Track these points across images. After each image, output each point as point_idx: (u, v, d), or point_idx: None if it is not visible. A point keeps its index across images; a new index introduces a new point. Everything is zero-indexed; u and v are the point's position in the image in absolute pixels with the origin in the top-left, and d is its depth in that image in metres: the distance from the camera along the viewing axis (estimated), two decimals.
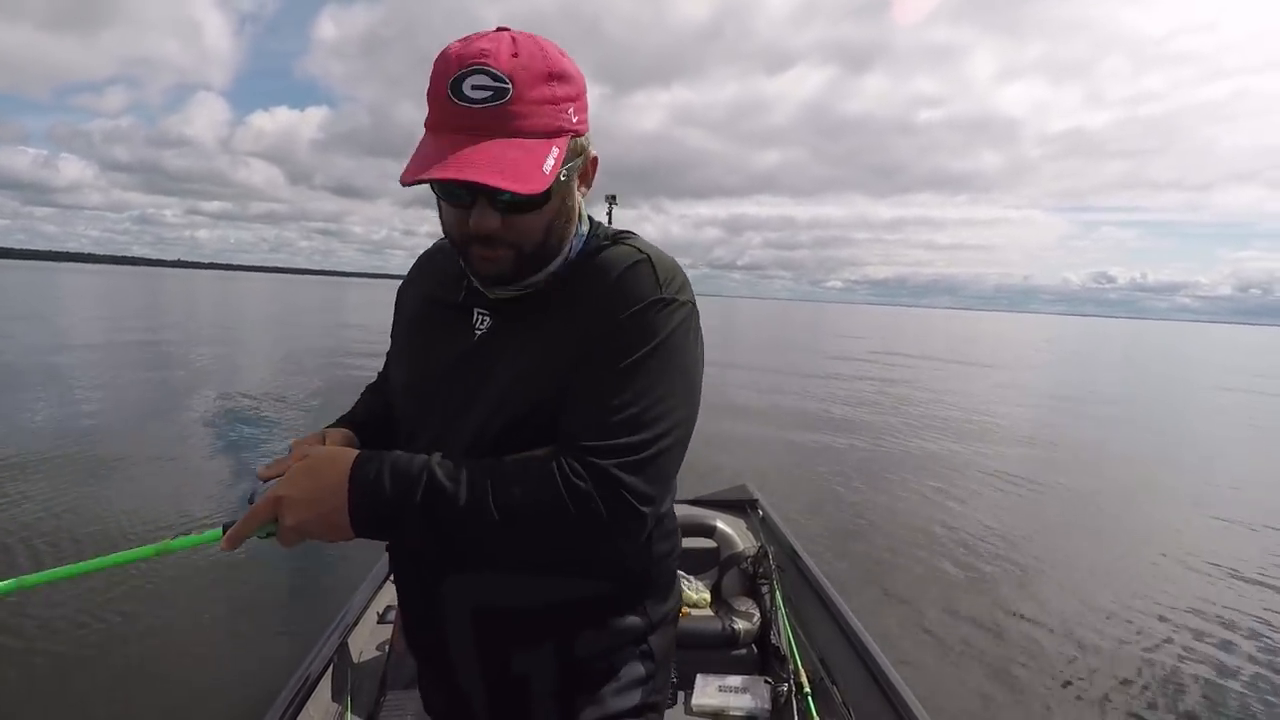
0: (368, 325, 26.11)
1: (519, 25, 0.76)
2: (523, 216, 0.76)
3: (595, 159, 0.83)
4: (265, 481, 0.76)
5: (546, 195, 0.75)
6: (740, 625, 2.34)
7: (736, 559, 2.55)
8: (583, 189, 0.85)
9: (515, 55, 0.71)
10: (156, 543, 0.78)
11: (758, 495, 3.16)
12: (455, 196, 0.76)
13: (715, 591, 2.53)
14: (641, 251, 0.84)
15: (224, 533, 0.75)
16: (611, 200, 3.99)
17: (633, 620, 0.90)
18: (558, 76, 0.74)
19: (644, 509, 0.73)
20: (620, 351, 0.77)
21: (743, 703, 2.18)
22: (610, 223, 4.25)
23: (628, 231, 0.90)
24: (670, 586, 0.97)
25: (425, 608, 0.91)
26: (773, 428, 9.71)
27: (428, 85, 0.75)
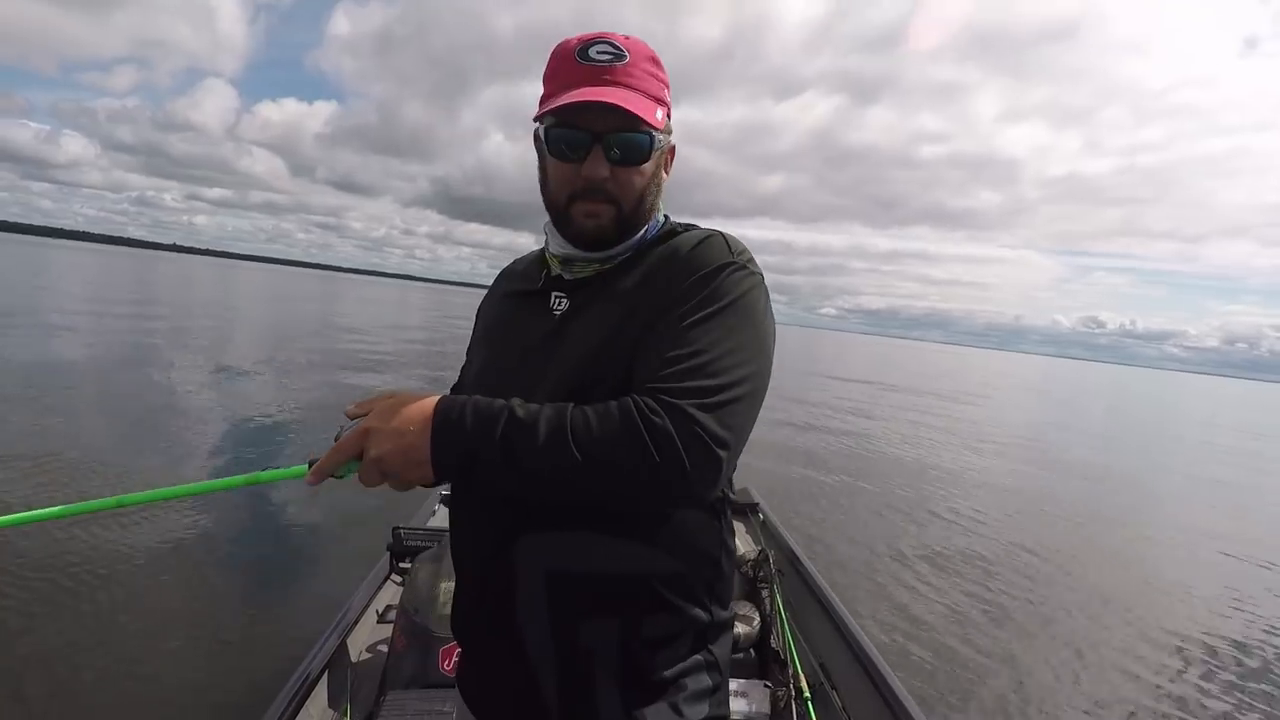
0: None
1: (533, 33, 0.81)
2: (627, 170, 0.85)
3: (674, 149, 0.93)
4: (352, 420, 0.77)
5: (649, 152, 0.85)
6: (740, 629, 2.34)
7: (737, 563, 2.56)
8: (666, 174, 0.93)
9: (628, 39, 0.86)
10: (247, 474, 0.79)
11: (758, 500, 3.17)
12: (574, 146, 0.84)
13: None
14: (714, 230, 0.90)
15: (309, 467, 0.75)
16: None
17: (697, 613, 0.88)
18: (657, 62, 0.87)
19: (719, 451, 0.71)
20: (693, 308, 0.79)
21: (742, 707, 2.18)
22: None
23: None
24: (727, 593, 0.94)
25: (494, 573, 0.88)
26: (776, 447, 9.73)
27: (545, 70, 0.88)
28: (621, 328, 0.82)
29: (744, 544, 2.64)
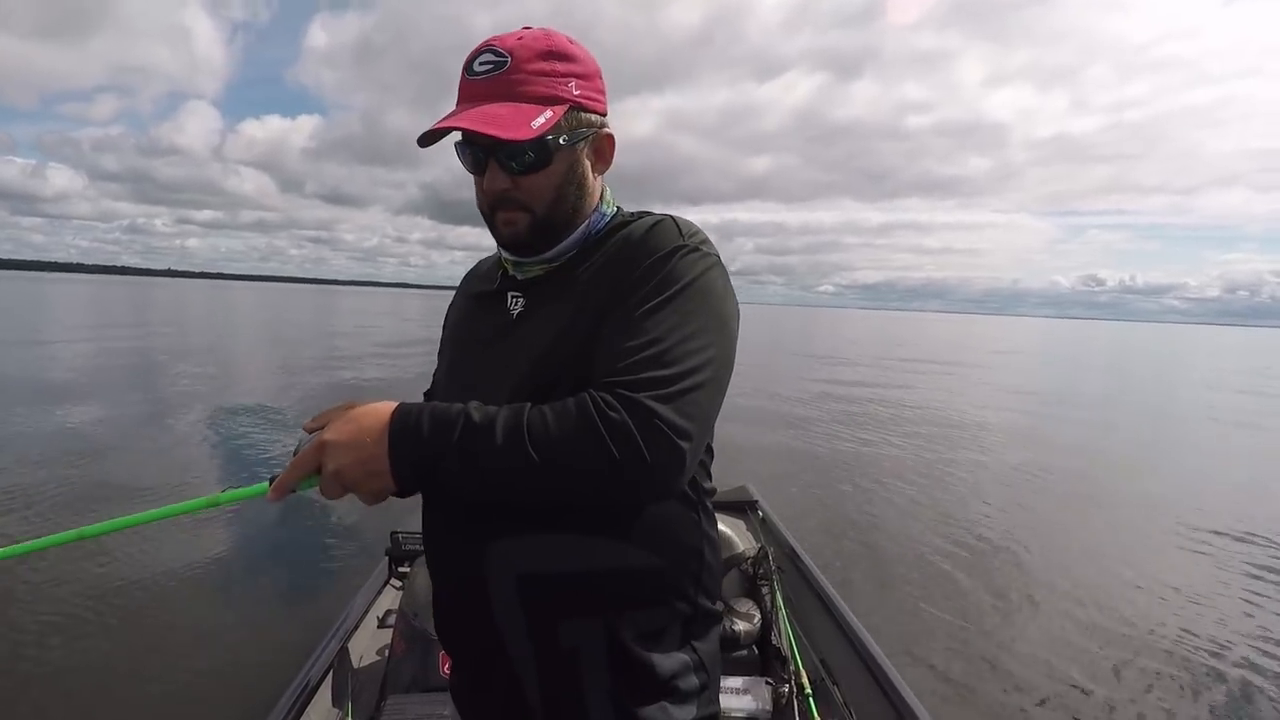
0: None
1: (509, 30, 0.84)
2: (530, 178, 0.84)
3: (611, 138, 0.89)
4: (310, 433, 0.76)
5: (547, 157, 0.83)
6: (741, 626, 2.33)
7: (737, 560, 2.55)
8: (600, 166, 0.90)
9: (520, 39, 0.82)
10: (207, 495, 0.79)
11: (758, 496, 3.17)
12: (473, 163, 0.85)
13: None
14: (665, 215, 0.88)
15: (270, 484, 0.75)
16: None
17: (681, 606, 0.87)
18: (558, 54, 0.83)
19: (681, 443, 0.70)
20: (646, 295, 0.78)
21: (743, 704, 2.18)
22: None
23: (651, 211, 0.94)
24: (715, 586, 0.94)
25: (467, 577, 0.87)
26: (773, 430, 9.72)
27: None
28: (574, 323, 0.82)
29: (743, 541, 2.63)
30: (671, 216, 0.87)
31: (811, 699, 2.05)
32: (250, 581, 4.00)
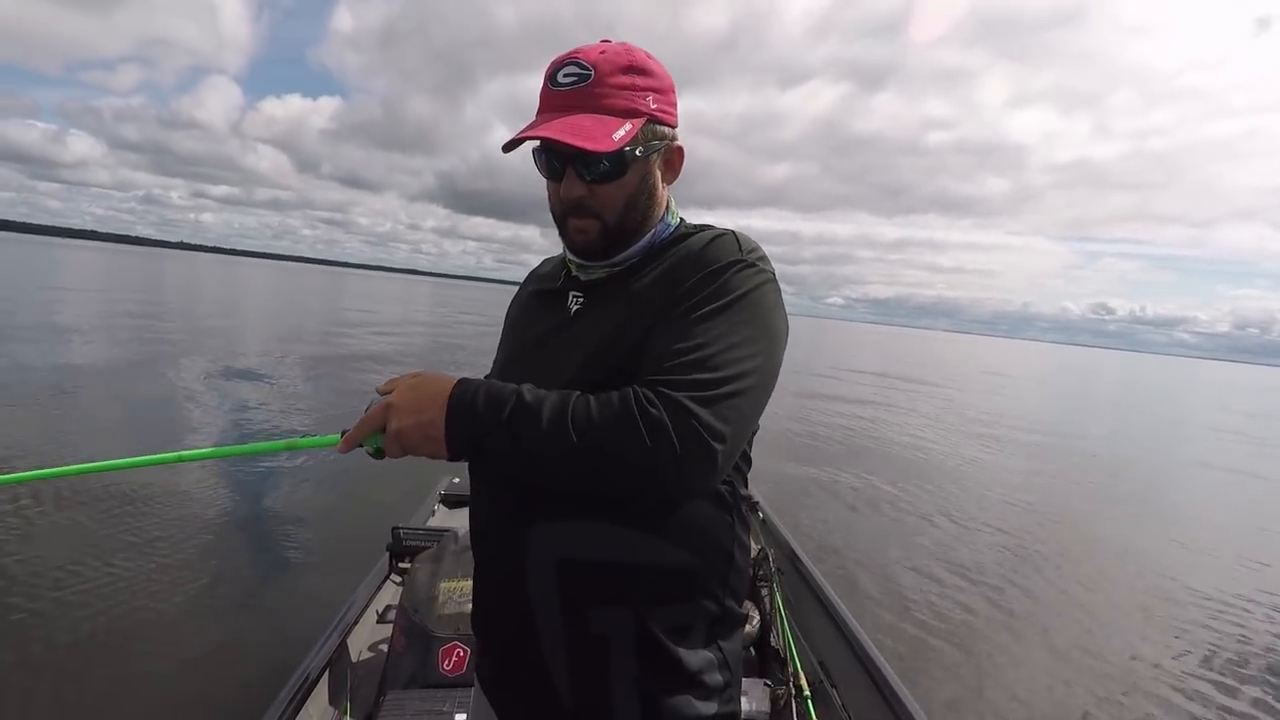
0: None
1: (535, 25, 0.86)
2: (605, 186, 0.87)
3: (680, 150, 0.93)
4: (381, 395, 0.82)
5: (623, 168, 0.86)
6: None
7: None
8: (669, 177, 0.93)
9: (603, 52, 0.86)
10: (287, 439, 0.87)
11: (758, 498, 3.17)
12: (550, 170, 0.88)
13: None
14: (727, 230, 0.91)
15: (341, 437, 0.82)
16: None
17: (709, 605, 0.89)
18: (638, 69, 0.86)
19: (714, 444, 0.72)
20: (699, 303, 0.81)
21: (742, 705, 2.19)
22: None
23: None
24: (742, 588, 0.95)
25: (508, 561, 0.91)
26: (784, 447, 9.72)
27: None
28: (630, 323, 0.85)
29: None
30: (734, 232, 0.90)
31: (810, 701, 2.05)
32: (250, 575, 3.99)
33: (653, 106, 0.87)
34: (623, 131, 0.83)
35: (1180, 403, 31.01)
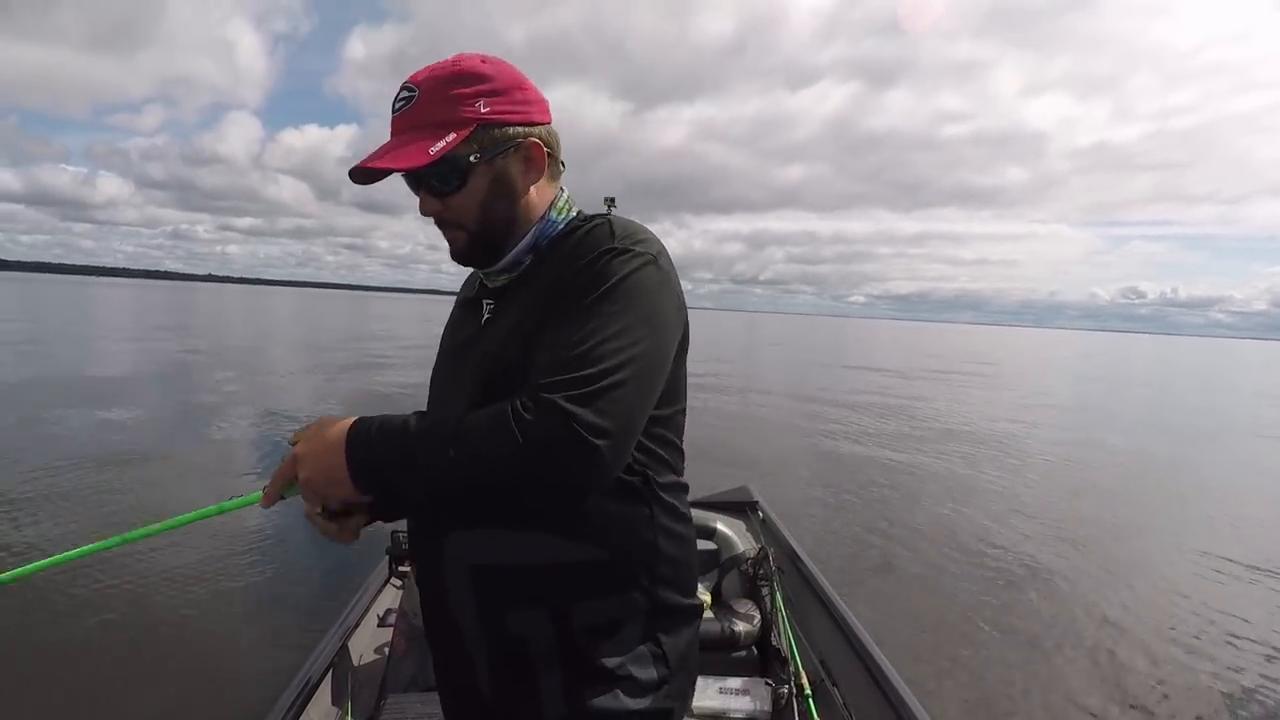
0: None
1: (541, 43, 0.88)
2: (454, 198, 0.89)
3: (538, 145, 0.91)
4: (293, 445, 0.85)
5: (464, 177, 0.88)
6: (740, 627, 2.33)
7: (737, 561, 2.54)
8: (533, 175, 0.92)
9: (430, 71, 0.87)
10: (214, 505, 0.89)
11: (758, 497, 3.16)
12: (412, 191, 0.92)
13: (715, 593, 2.52)
14: (605, 217, 0.91)
15: (263, 493, 0.86)
16: (610, 203, 4.07)
17: (635, 598, 0.88)
18: (466, 77, 0.86)
19: (595, 441, 0.72)
20: (574, 298, 0.81)
21: (743, 705, 2.18)
22: None
23: (611, 214, 0.95)
24: (684, 580, 0.95)
25: (432, 570, 0.95)
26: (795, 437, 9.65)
27: None
28: (523, 322, 0.87)
29: (744, 541, 2.62)
30: (609, 219, 0.90)
31: (811, 700, 2.04)
32: (251, 580, 4.04)
33: (484, 111, 0.86)
34: (442, 143, 0.84)
35: (1232, 383, 30.07)
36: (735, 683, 2.21)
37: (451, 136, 0.84)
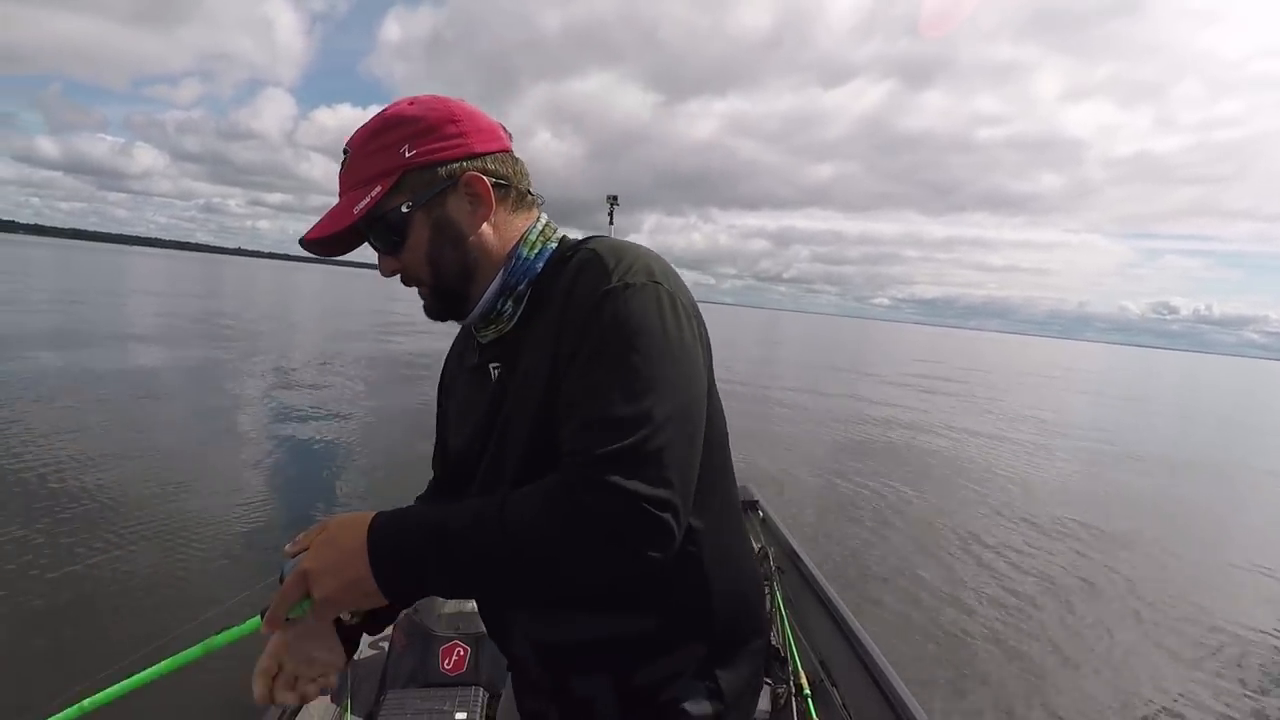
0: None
1: (577, 30, 0.68)
2: (404, 254, 0.84)
3: (478, 178, 0.82)
4: (292, 558, 0.75)
5: (401, 230, 0.81)
6: None
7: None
8: (483, 210, 0.84)
9: (361, 127, 0.83)
10: (202, 642, 0.78)
11: (758, 496, 3.14)
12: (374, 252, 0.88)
13: None
14: (591, 250, 0.82)
15: (262, 618, 0.75)
16: (613, 201, 4.07)
17: (694, 647, 0.87)
18: (389, 125, 0.81)
19: (663, 515, 0.68)
20: (589, 355, 0.75)
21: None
22: (611, 223, 4.22)
23: (592, 236, 0.89)
24: (743, 618, 0.92)
25: (499, 632, 0.97)
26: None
27: None
28: (538, 390, 0.81)
29: None
30: (595, 251, 0.81)
31: (810, 700, 2.03)
32: (251, 574, 4.01)
33: (409, 155, 0.80)
34: (365, 200, 0.79)
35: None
36: None
37: (376, 190, 0.79)
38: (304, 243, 0.82)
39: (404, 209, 0.80)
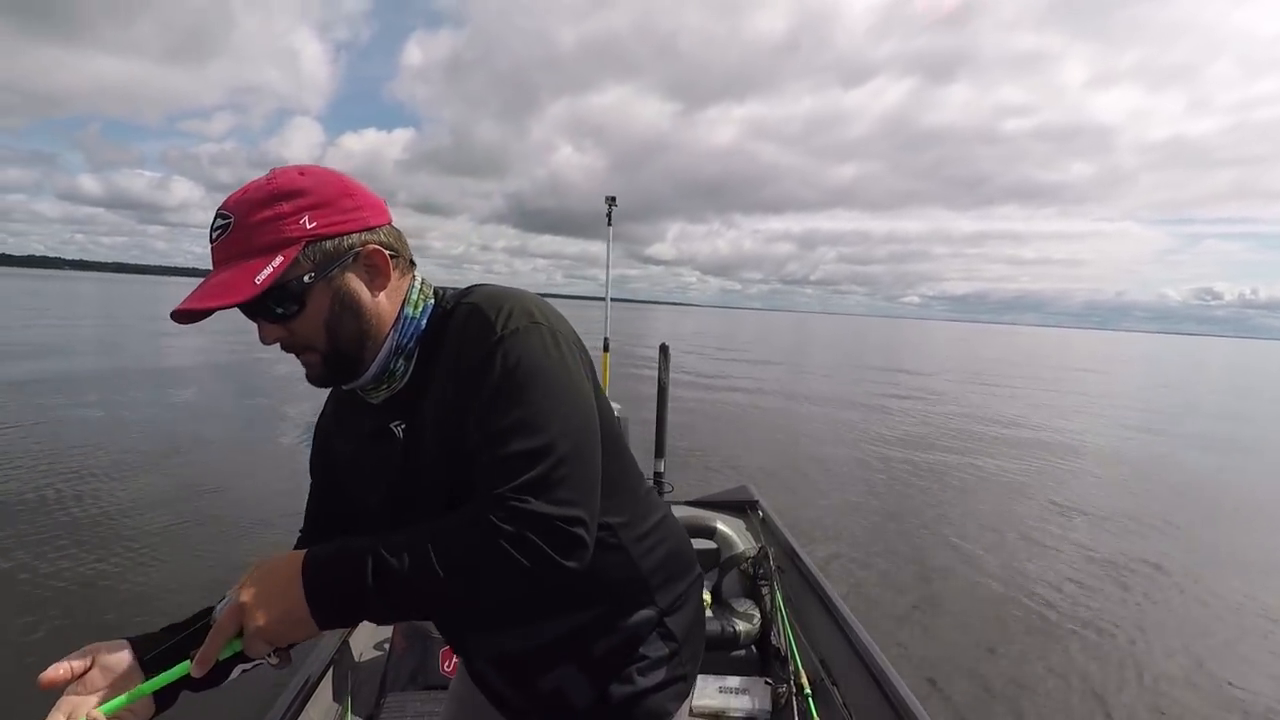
0: None
1: (593, 45, 0.68)
2: (294, 322, 0.83)
3: (379, 251, 0.85)
4: (224, 599, 0.77)
5: (300, 300, 0.81)
6: (740, 626, 2.33)
7: (736, 560, 2.53)
8: (380, 282, 0.86)
9: (244, 192, 0.81)
10: (126, 693, 0.75)
11: (758, 496, 3.15)
12: (248, 318, 0.84)
13: (715, 593, 2.52)
14: (472, 304, 0.87)
15: (192, 661, 0.76)
16: (611, 202, 4.14)
17: (644, 614, 0.98)
18: (283, 195, 0.80)
19: (575, 530, 0.76)
20: (489, 402, 0.80)
21: (743, 704, 2.18)
22: (609, 224, 4.26)
23: (472, 288, 0.92)
24: (677, 573, 1.03)
25: (459, 648, 1.07)
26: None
27: None
28: (443, 440, 0.86)
29: (743, 541, 2.61)
30: (476, 304, 0.86)
31: (811, 699, 2.03)
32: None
33: (310, 227, 0.80)
34: (268, 270, 0.78)
35: None
36: (735, 681, 2.21)
37: (279, 260, 0.78)
38: (178, 314, 0.78)
39: (306, 279, 0.81)
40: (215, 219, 0.82)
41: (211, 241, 0.81)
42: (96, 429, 7.84)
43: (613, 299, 4.16)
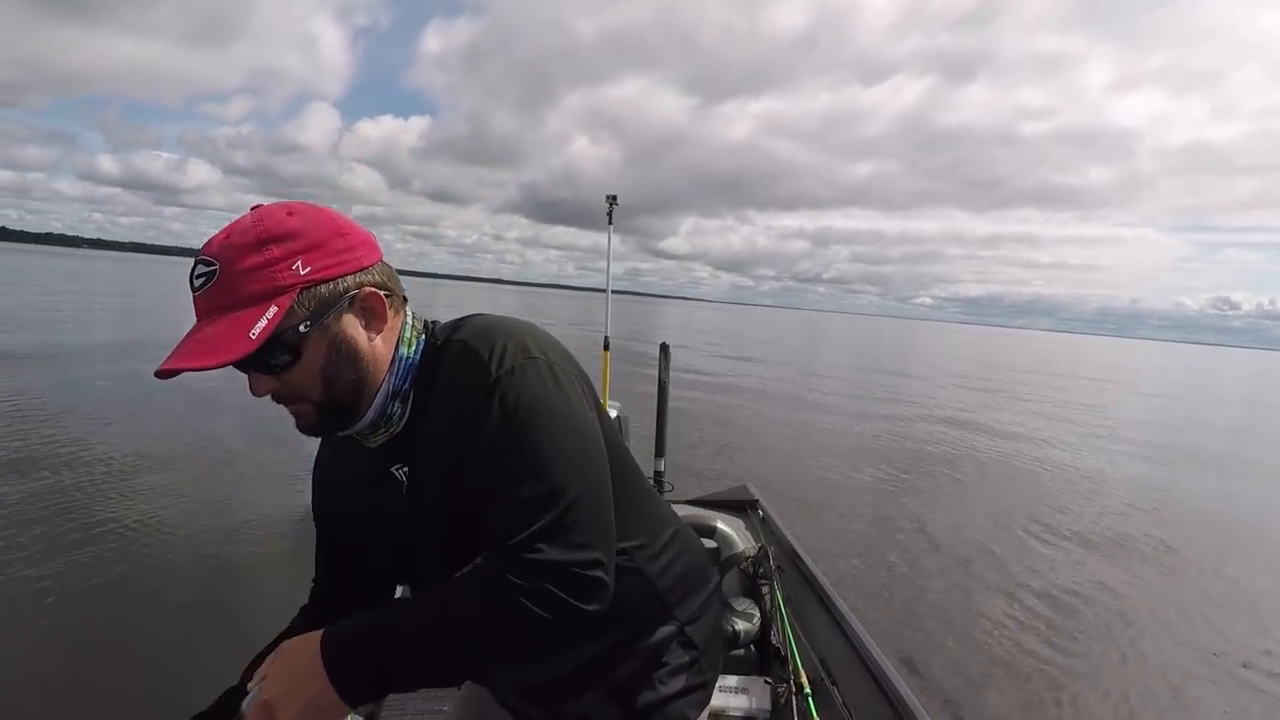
0: None
1: (612, 36, 0.66)
2: (289, 374, 0.78)
3: (375, 294, 0.81)
4: (249, 695, 0.77)
5: (296, 350, 0.77)
6: (740, 626, 2.32)
7: (736, 559, 2.53)
8: (376, 325, 0.83)
9: (227, 236, 0.76)
10: None
11: (758, 495, 3.13)
12: (240, 370, 0.79)
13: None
14: (461, 341, 0.84)
15: None
16: (611, 201, 4.13)
17: (665, 630, 0.99)
18: (275, 239, 0.75)
19: (594, 573, 0.75)
20: (490, 449, 0.78)
21: (742, 703, 2.17)
22: (610, 222, 4.23)
23: (461, 321, 0.89)
24: (694, 586, 1.03)
25: (483, 684, 1.08)
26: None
27: None
28: (453, 481, 0.83)
29: (743, 540, 2.60)
30: (467, 342, 0.83)
31: (810, 699, 2.02)
32: (251, 574, 4.08)
33: (303, 272, 0.75)
34: (263, 323, 0.72)
35: None
36: (734, 681, 2.20)
37: (273, 311, 0.73)
38: (163, 373, 0.73)
39: (301, 328, 0.76)
40: (196, 265, 0.75)
41: (194, 290, 0.75)
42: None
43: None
